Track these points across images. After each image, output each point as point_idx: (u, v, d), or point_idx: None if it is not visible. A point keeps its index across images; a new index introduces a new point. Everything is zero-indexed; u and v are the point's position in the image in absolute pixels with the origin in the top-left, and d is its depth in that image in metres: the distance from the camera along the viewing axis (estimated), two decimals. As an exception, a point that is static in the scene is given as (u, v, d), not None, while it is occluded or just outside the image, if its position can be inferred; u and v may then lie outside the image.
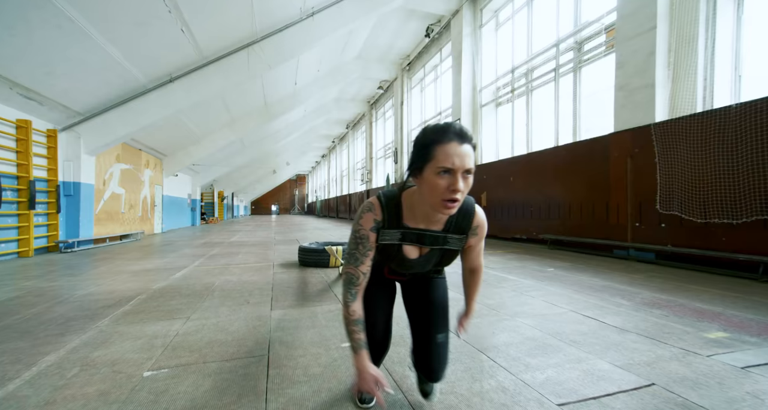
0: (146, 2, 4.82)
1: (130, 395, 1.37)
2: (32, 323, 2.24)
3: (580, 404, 1.30)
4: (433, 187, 0.85)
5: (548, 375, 1.52)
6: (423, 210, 0.97)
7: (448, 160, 0.82)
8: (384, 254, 1.07)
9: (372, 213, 0.99)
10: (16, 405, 1.29)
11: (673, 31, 4.52)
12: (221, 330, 2.11)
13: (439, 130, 0.87)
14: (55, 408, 1.27)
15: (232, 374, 1.54)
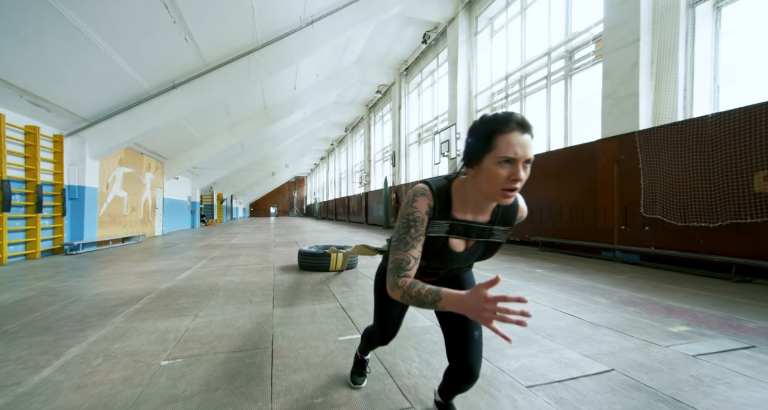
0: (152, 13, 5.01)
1: (151, 380, 1.55)
2: (51, 320, 2.42)
3: (546, 386, 1.49)
4: (493, 177, 0.83)
5: (522, 363, 1.72)
6: (475, 200, 0.94)
7: (511, 149, 0.80)
8: (427, 250, 0.98)
9: (426, 198, 0.93)
10: (53, 388, 1.47)
11: (655, 44, 4.76)
12: (228, 325, 2.30)
13: (500, 119, 0.84)
14: (87, 391, 1.45)
15: (240, 363, 1.73)
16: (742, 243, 3.65)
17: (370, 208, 17.74)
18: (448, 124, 10.10)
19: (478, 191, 0.90)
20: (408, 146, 14.28)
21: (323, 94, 14.00)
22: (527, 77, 8.01)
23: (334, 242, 7.81)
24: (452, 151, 9.62)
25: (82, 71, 5.30)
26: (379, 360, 1.76)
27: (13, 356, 1.81)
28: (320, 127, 22.00)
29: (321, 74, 12.53)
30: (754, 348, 1.85)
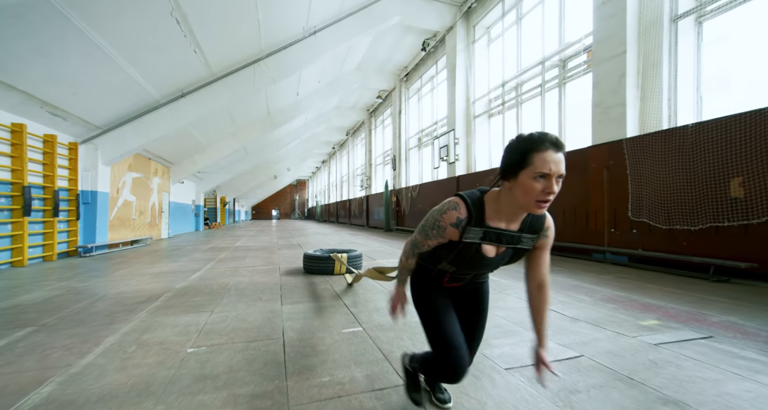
0: (164, 29, 5.31)
1: (181, 363, 1.80)
2: (83, 315, 2.67)
3: (521, 368, 1.73)
4: (529, 190, 0.93)
5: (504, 350, 1.96)
6: (509, 210, 1.03)
7: (546, 166, 0.90)
8: (460, 256, 1.11)
9: (456, 212, 1.06)
10: (99, 369, 1.73)
11: (640, 56, 5.01)
12: (242, 320, 2.54)
13: (536, 139, 0.93)
14: (129, 372, 1.70)
15: (256, 350, 1.98)
16: (720, 245, 3.88)
17: (372, 211, 17.98)
18: (447, 129, 10.37)
19: (513, 202, 1.00)
20: (408, 150, 14.55)
21: (325, 100, 14.31)
22: (523, 85, 8.27)
23: (336, 245, 8.05)
24: (451, 156, 9.88)
25: (98, 83, 5.59)
26: (378, 348, 2.00)
27: (58, 344, 2.06)
28: (322, 131, 22.32)
29: (323, 80, 12.83)
30: (711, 338, 2.09)
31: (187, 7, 5.17)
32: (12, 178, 4.99)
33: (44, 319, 2.56)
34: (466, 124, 9.98)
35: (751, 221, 3.61)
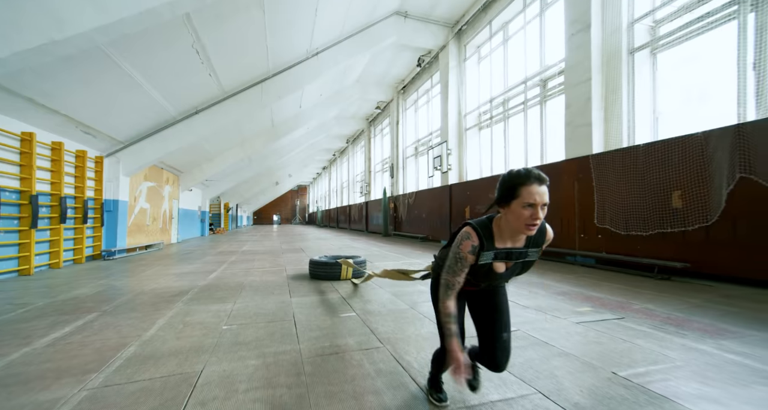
0: (186, 58, 6.03)
1: (220, 335, 2.44)
2: (132, 304, 3.32)
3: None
4: (519, 216, 1.13)
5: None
6: (510, 231, 1.23)
7: (531, 197, 1.10)
8: (475, 272, 1.28)
9: (470, 241, 1.23)
10: (162, 338, 2.37)
11: (603, 83, 5.70)
12: (260, 308, 3.18)
13: (522, 175, 1.14)
14: (184, 340, 2.34)
15: (274, 327, 2.61)
16: (664, 248, 4.52)
17: (371, 217, 18.63)
18: (440, 140, 11.06)
19: (507, 225, 1.22)
20: (405, 159, 15.25)
21: (326, 111, 15.06)
22: (509, 101, 8.97)
23: (336, 250, 8.68)
24: (444, 166, 10.55)
25: (125, 105, 6.29)
26: (367, 326, 2.64)
27: (123, 323, 2.70)
28: (323, 139, 23.06)
29: (324, 93, 13.57)
30: (622, 318, 2.72)
31: (206, 39, 5.89)
32: (51, 189, 5.66)
33: (103, 307, 3.20)
34: (458, 136, 10.67)
35: (687, 228, 4.25)
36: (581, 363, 1.93)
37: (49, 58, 3.52)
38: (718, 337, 2.29)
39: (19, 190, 4.97)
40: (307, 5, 6.69)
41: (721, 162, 3.94)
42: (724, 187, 3.90)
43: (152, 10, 3.69)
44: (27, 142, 5.07)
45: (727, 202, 3.89)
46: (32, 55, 3.34)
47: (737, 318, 2.70)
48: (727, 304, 3.10)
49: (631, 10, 5.51)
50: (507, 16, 8.87)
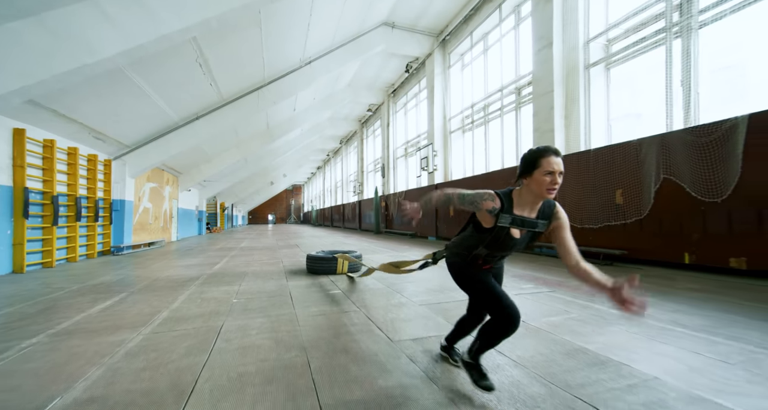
0: (189, 71, 6.62)
1: (231, 306, 3.09)
2: (153, 287, 3.94)
3: (429, 304, 3.04)
4: (541, 183, 1.35)
5: (423, 299, 3.27)
6: (528, 201, 1.43)
7: (550, 166, 1.34)
8: (495, 238, 1.46)
9: (492, 202, 1.42)
10: (185, 308, 3.01)
11: (564, 94, 6.43)
12: (262, 288, 3.83)
13: (542, 149, 1.39)
14: (203, 308, 2.99)
15: (275, 301, 3.27)
16: (610, 238, 5.26)
17: (364, 215, 19.28)
18: (427, 142, 11.75)
19: (530, 193, 1.41)
20: (396, 159, 15.92)
21: (320, 113, 15.67)
22: (489, 106, 9.68)
23: (329, 246, 9.33)
24: (430, 166, 11.25)
25: (133, 112, 6.87)
26: (347, 297, 3.31)
27: (151, 299, 3.34)
28: (317, 140, 23.64)
29: (317, 97, 14.18)
30: (553, 291, 3.43)
31: (208, 54, 6.49)
32: (68, 191, 6.23)
33: (129, 290, 3.83)
34: (443, 138, 11.37)
35: (626, 221, 4.99)
36: (503, 317, 2.63)
37: (79, 78, 4.13)
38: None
39: (42, 191, 5.55)
40: (299, 21, 7.31)
41: (650, 165, 4.68)
42: (653, 186, 4.64)
43: (167, 36, 4.31)
44: (48, 148, 5.64)
45: (655, 199, 4.63)
46: (67, 76, 3.95)
47: (672, 292, 3.42)
48: (642, 281, 3.83)
49: (586, 30, 6.23)
50: (486, 27, 9.57)
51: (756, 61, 4.91)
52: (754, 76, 4.84)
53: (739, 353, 1.89)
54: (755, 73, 4.85)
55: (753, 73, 4.90)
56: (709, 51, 4.86)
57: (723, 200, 3.95)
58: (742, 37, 4.91)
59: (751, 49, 4.95)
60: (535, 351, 2.00)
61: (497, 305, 1.43)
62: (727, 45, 4.99)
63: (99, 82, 5.38)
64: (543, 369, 1.75)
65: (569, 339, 2.15)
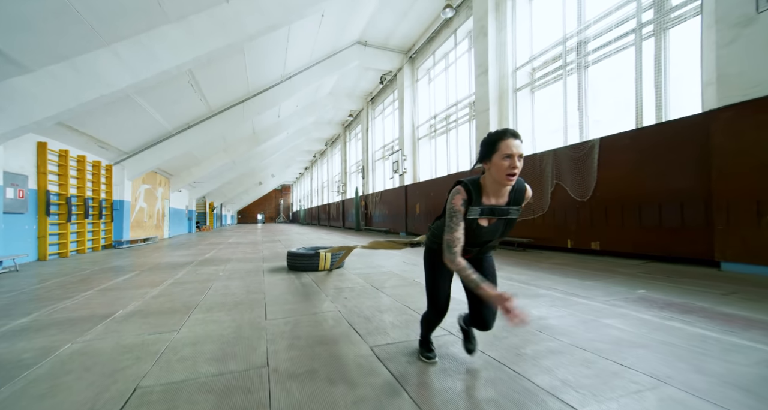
0: (183, 90, 7.74)
1: (218, 276, 4.30)
2: (157, 268, 5.11)
3: (392, 287, 4.31)
4: (499, 167, 1.30)
5: (393, 285, 4.53)
6: (493, 187, 1.38)
7: (509, 149, 1.29)
8: (465, 231, 1.40)
9: (460, 195, 1.37)
10: (186, 277, 4.22)
11: (498, 112, 7.78)
12: (242, 268, 5.03)
13: (500, 132, 1.34)
14: (198, 277, 4.20)
15: (251, 273, 4.48)
16: (525, 230, 6.61)
17: (347, 214, 20.48)
18: (398, 147, 13.04)
19: (491, 179, 1.37)
20: (375, 162, 17.17)
21: (303, 119, 16.80)
22: (450, 116, 11.01)
23: (309, 241, 10.53)
24: (400, 169, 12.54)
25: (134, 125, 7.96)
26: (313, 281, 4.55)
27: (158, 274, 4.52)
28: (303, 142, 24.71)
29: (300, 105, 15.31)
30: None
31: (199, 76, 7.62)
32: (77, 192, 7.30)
33: (140, 269, 5.00)
34: (412, 144, 12.68)
35: (534, 216, 6.35)
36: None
37: (97, 105, 5.26)
38: (512, 271, 4.32)
39: (58, 194, 6.62)
40: (278, 46, 8.48)
41: (547, 173, 6.04)
42: (549, 189, 6.01)
43: (165, 71, 5.45)
44: (63, 157, 6.72)
45: (551, 199, 6.00)
46: (89, 104, 5.07)
47: (534, 266, 4.76)
48: (537, 260, 5.18)
49: (514, 60, 7.59)
50: (446, 48, 10.90)
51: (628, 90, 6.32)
52: (626, 103, 6.25)
53: (563, 301, 3.20)
54: (627, 101, 6.26)
55: (626, 100, 6.31)
56: (600, 81, 6.24)
57: (587, 200, 5.32)
58: (623, 69, 6.31)
59: (625, 80, 6.36)
60: (392, 281, 3.28)
61: (429, 297, 1.61)
62: (612, 76, 6.39)
63: (107, 103, 6.48)
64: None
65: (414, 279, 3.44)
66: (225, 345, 1.97)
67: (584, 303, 2.69)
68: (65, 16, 4.36)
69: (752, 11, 3.37)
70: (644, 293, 2.95)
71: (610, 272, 3.98)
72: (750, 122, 3.43)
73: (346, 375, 1.58)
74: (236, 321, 2.44)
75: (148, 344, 2.01)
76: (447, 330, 2.16)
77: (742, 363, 1.59)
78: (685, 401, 1.30)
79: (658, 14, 4.93)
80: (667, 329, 2.07)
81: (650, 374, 1.51)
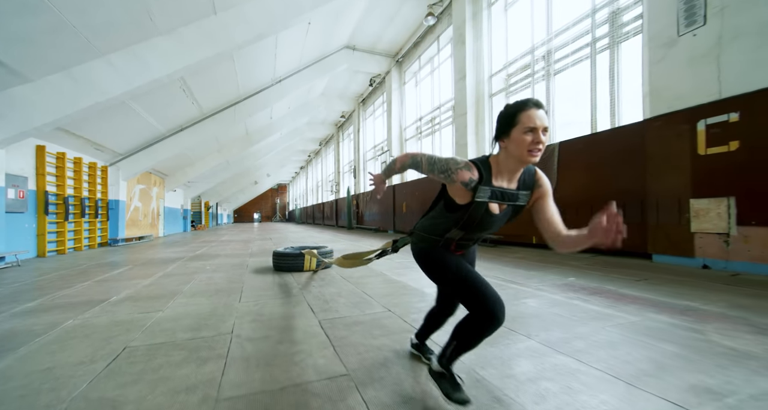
0: (175, 95, 8.11)
1: (204, 270, 4.71)
2: (150, 263, 5.51)
3: (352, 277, 4.73)
4: (521, 142, 1.09)
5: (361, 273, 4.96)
6: (508, 168, 1.19)
7: (531, 121, 1.08)
8: (471, 217, 1.21)
9: (469, 173, 1.17)
10: (178, 270, 4.63)
11: (475, 116, 8.22)
12: (228, 262, 5.44)
13: (521, 102, 1.12)
14: (188, 269, 4.61)
15: (237, 267, 4.89)
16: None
17: (340, 213, 20.89)
18: (386, 148, 13.45)
19: (510, 158, 1.16)
20: (366, 161, 17.58)
21: (296, 120, 17.17)
22: (435, 119, 11.44)
23: (299, 240, 10.93)
24: (388, 170, 12.95)
25: (128, 128, 8.33)
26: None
27: (151, 268, 4.92)
28: (297, 142, 25.08)
29: (292, 106, 15.68)
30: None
31: (191, 82, 8.00)
32: (74, 192, 7.67)
33: (133, 264, 5.40)
34: (400, 145, 13.10)
35: (504, 214, 6.79)
36: (386, 281, 4.34)
37: (93, 111, 5.65)
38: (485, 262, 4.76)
39: (56, 194, 6.99)
40: (267, 52, 8.87)
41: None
42: (517, 189, 6.45)
43: (158, 79, 5.84)
44: (60, 159, 7.09)
45: (518, 198, 6.44)
46: (86, 111, 5.45)
47: (496, 260, 5.20)
48: (501, 255, 5.62)
49: (490, 67, 8.03)
50: (431, 53, 11.32)
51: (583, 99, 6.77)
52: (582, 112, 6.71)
53: (469, 279, 3.64)
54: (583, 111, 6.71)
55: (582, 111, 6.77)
56: (566, 89, 6.69)
57: (549, 199, 5.76)
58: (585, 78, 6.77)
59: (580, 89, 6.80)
60: (384, 291, 3.71)
61: (478, 297, 1.18)
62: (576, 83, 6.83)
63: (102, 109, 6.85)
64: (385, 299, 3.46)
65: (395, 278, 3.87)
66: (200, 320, 2.39)
67: (516, 288, 3.13)
68: (62, 30, 4.74)
69: (675, 34, 3.82)
70: (573, 280, 3.40)
71: (558, 264, 4.43)
72: (673, 131, 3.88)
73: (292, 338, 2.01)
74: (213, 303, 2.85)
75: (136, 320, 2.42)
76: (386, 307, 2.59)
77: (602, 327, 2.03)
78: (539, 349, 1.73)
79: (612, 29, 5.38)
80: (567, 305, 2.51)
81: (525, 334, 1.95)
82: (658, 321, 2.10)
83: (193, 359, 1.73)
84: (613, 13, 5.36)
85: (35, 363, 1.72)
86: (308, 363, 1.65)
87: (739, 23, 3.32)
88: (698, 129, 3.66)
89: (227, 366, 1.64)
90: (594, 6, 5.63)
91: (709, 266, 3.64)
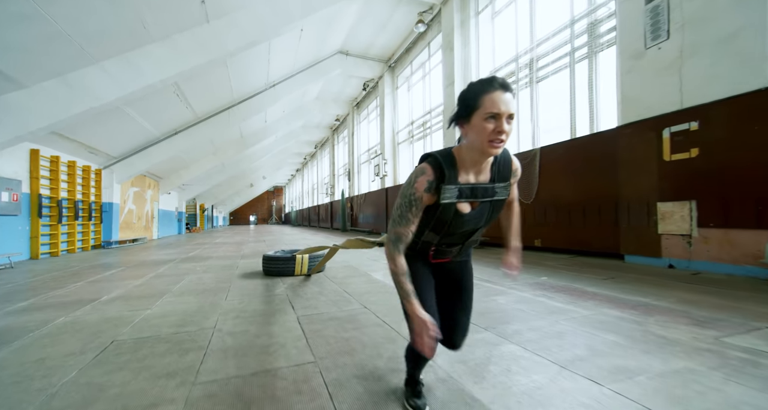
0: (169, 99, 8.25)
1: (195, 271, 4.84)
2: (143, 264, 5.63)
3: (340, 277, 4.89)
4: (481, 131, 0.94)
5: (345, 274, 5.11)
6: (471, 159, 1.04)
7: (495, 106, 0.92)
8: (441, 220, 1.08)
9: (425, 176, 1.03)
10: (170, 270, 4.76)
11: (462, 121, 8.43)
12: (219, 264, 5.57)
13: (485, 81, 0.96)
14: (180, 270, 4.74)
15: (227, 267, 5.03)
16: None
17: (335, 215, 21.00)
18: (379, 151, 13.64)
19: (470, 147, 1.01)
20: (360, 165, 17.76)
21: (291, 123, 17.33)
22: (426, 123, 11.65)
23: (292, 242, 11.06)
24: (381, 172, 13.14)
25: (123, 132, 8.45)
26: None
27: (143, 269, 5.05)
28: (293, 145, 25.22)
29: (287, 110, 15.83)
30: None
31: (184, 87, 8.14)
32: (68, 195, 7.76)
33: (126, 265, 5.51)
34: (392, 148, 13.29)
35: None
36: (371, 279, 4.50)
37: (87, 115, 5.78)
38: (435, 264, 4.93)
39: (50, 197, 7.09)
40: (260, 57, 9.04)
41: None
42: (501, 192, 6.65)
43: (152, 85, 5.99)
44: (54, 163, 7.19)
45: (502, 201, 6.63)
46: (80, 116, 5.57)
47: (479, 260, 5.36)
48: (485, 255, 5.80)
49: (478, 74, 8.25)
50: (422, 58, 11.55)
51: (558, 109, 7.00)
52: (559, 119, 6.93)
53: (448, 279, 3.81)
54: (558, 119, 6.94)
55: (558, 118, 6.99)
56: (549, 95, 6.91)
57: (532, 202, 5.96)
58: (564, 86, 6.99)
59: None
60: (364, 289, 3.87)
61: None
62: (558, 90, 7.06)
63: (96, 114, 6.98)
64: (348, 288, 3.62)
65: (378, 279, 4.03)
66: (186, 316, 2.54)
67: (488, 287, 3.30)
68: (57, 39, 4.89)
69: (642, 47, 4.04)
70: (545, 279, 3.57)
71: (535, 264, 4.61)
72: (641, 138, 4.09)
73: (270, 332, 2.16)
74: (200, 302, 3.00)
75: (125, 317, 2.56)
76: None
77: (556, 321, 2.20)
78: (492, 340, 1.90)
79: (590, 39, 5.61)
80: (533, 302, 2.69)
81: (485, 326, 2.12)
82: (608, 315, 2.28)
83: (175, 350, 1.88)
84: (591, 25, 5.60)
85: (29, 355, 1.86)
86: (281, 353, 1.81)
87: (697, 39, 3.54)
88: (663, 136, 3.87)
89: (206, 356, 1.79)
90: (573, 17, 5.86)
91: (674, 266, 3.83)
